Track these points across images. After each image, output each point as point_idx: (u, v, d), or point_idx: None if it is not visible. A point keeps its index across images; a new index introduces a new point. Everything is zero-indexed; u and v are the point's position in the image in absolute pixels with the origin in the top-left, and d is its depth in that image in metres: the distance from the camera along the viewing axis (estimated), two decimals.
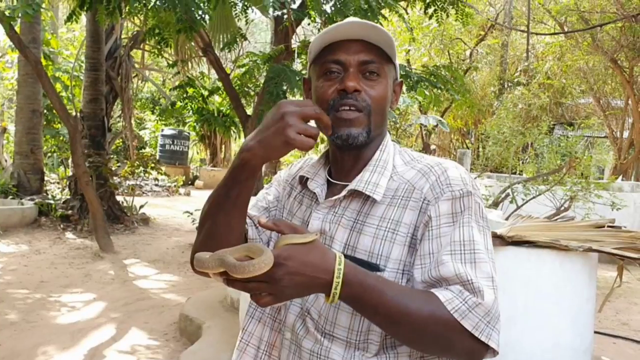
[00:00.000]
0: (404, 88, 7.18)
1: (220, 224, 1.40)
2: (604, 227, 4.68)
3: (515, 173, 10.63)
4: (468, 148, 19.54)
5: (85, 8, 6.32)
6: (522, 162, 11.50)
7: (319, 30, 7.89)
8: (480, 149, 17.54)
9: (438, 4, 7.78)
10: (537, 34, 15.96)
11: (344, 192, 1.42)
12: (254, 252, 1.14)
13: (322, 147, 17.88)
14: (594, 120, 16.13)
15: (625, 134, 17.34)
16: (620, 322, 6.46)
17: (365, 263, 1.31)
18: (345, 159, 1.49)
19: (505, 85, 19.72)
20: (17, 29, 8.69)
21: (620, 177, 14.43)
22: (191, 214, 9.22)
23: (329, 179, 1.53)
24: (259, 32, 31.48)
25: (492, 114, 17.39)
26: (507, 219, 5.27)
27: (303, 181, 1.57)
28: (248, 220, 1.51)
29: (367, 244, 1.36)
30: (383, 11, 7.03)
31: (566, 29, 16.30)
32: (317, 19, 7.15)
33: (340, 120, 1.40)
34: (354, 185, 1.41)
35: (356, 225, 1.39)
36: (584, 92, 18.82)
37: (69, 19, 6.57)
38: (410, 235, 1.34)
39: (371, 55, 1.40)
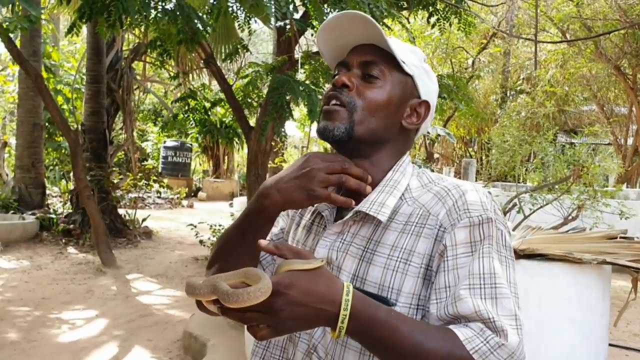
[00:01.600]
0: None
1: (231, 266, 1.30)
2: (616, 238, 4.58)
3: (520, 182, 10.52)
4: (471, 157, 19.47)
5: (85, 20, 6.24)
6: (526, 171, 11.39)
7: None
8: (484, 158, 17.50)
9: (441, 13, 7.72)
10: (544, 42, 15.87)
11: (350, 214, 1.30)
12: (251, 278, 1.04)
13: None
14: (599, 128, 16.02)
15: (630, 141, 17.24)
16: (631, 334, 6.35)
17: (374, 296, 1.18)
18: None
19: (508, 94, 19.67)
20: (17, 42, 8.64)
21: (625, 184, 14.32)
22: (195, 227, 9.13)
23: None
24: (260, 42, 31.49)
25: (494, 122, 17.30)
26: (514, 229, 5.17)
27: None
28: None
29: (377, 276, 1.23)
30: (386, 20, 6.96)
31: (568, 37, 16.24)
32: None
33: (322, 114, 1.32)
34: (360, 206, 1.29)
35: (366, 255, 1.27)
36: (587, 99, 18.75)
37: (69, 31, 6.49)
38: (425, 266, 1.21)
39: (375, 56, 1.32)
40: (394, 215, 1.28)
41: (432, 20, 7.77)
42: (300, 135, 19.29)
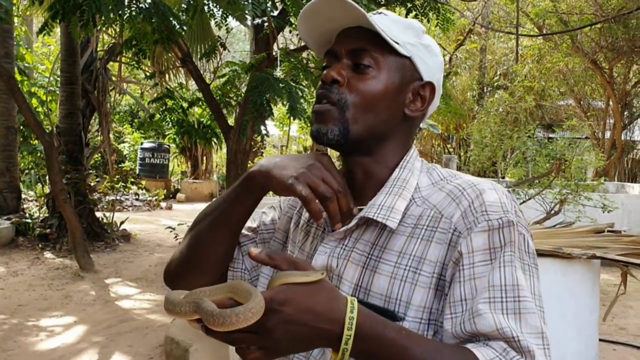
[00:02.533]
0: None
1: (209, 239, 1.24)
2: (603, 232, 4.55)
3: (501, 177, 10.53)
4: (450, 153, 19.50)
5: (58, 19, 6.09)
6: (506, 167, 11.42)
7: (300, 38, 7.74)
8: (462, 154, 17.54)
9: (419, 9, 7.65)
10: (525, 35, 15.91)
11: (354, 222, 1.15)
12: (239, 294, 0.90)
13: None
14: (576, 122, 16.12)
15: (607, 135, 17.38)
16: (617, 327, 6.34)
17: (380, 310, 1.05)
18: (354, 173, 1.23)
19: (485, 90, 19.74)
20: None
21: (603, 178, 14.43)
22: (173, 229, 8.98)
23: None
24: (237, 42, 31.36)
25: (472, 118, 17.35)
26: None
27: None
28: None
29: (383, 286, 1.10)
30: None
31: (545, 32, 16.31)
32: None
33: (313, 115, 1.19)
34: (366, 211, 1.15)
35: (370, 262, 1.13)
36: (564, 94, 18.87)
37: (42, 30, 6.35)
38: (437, 276, 1.07)
39: (363, 42, 1.16)
40: (402, 218, 1.14)
41: (410, 16, 7.70)
42: (279, 134, 19.17)
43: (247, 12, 6.72)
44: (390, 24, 1.19)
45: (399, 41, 1.17)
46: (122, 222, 11.21)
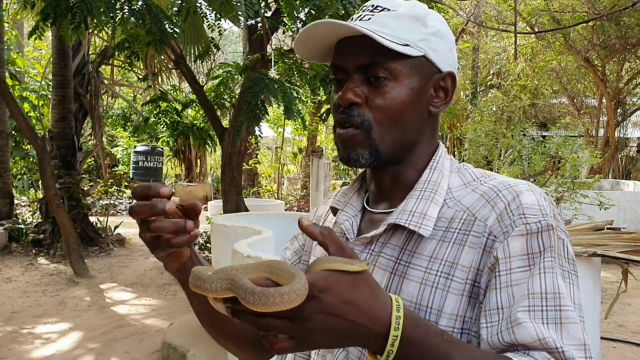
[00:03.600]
0: None
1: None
2: (603, 229, 4.52)
3: None
4: None
5: (49, 23, 6.03)
6: (501, 165, 11.42)
7: (294, 39, 7.70)
8: (457, 153, 17.54)
9: None
10: (523, 33, 15.91)
11: (382, 229, 1.10)
12: (278, 275, 0.81)
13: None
14: (570, 120, 16.13)
15: (601, 133, 17.41)
16: (616, 325, 6.32)
17: None
18: (382, 179, 1.18)
19: (478, 89, 19.74)
20: None
21: (599, 175, 14.46)
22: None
23: (366, 207, 1.22)
24: (229, 44, 31.29)
25: (466, 118, 17.35)
26: None
27: (335, 213, 1.24)
28: None
29: (413, 293, 1.04)
30: None
31: (537, 30, 16.32)
32: (293, 27, 6.96)
33: (338, 141, 1.13)
34: (396, 218, 1.09)
35: (398, 267, 1.07)
36: (557, 92, 18.89)
37: (33, 33, 6.28)
38: (471, 283, 1.01)
39: (371, 56, 1.08)
40: None
41: None
42: (273, 136, 19.12)
43: (240, 13, 6.68)
44: (395, 23, 1.10)
45: (410, 42, 1.09)
46: (116, 227, 11.12)
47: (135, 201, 0.97)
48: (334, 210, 1.25)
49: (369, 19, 1.10)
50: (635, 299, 7.27)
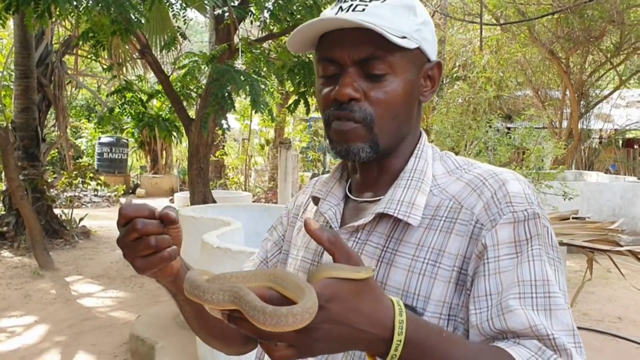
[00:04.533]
0: None
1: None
2: (568, 219, 4.59)
3: None
4: None
5: (11, 11, 5.90)
6: (467, 156, 11.52)
7: (261, 29, 7.66)
8: None
9: None
10: (489, 24, 16.06)
11: (369, 217, 1.10)
12: (284, 286, 0.78)
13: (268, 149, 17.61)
14: (534, 112, 16.33)
15: (564, 124, 17.67)
16: (580, 313, 6.43)
17: None
18: (369, 169, 1.17)
19: (444, 81, 19.88)
20: None
21: (563, 166, 14.69)
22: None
23: (348, 195, 1.21)
24: (194, 34, 31.02)
25: (432, 109, 17.46)
26: None
27: (317, 202, 1.24)
28: None
29: (400, 280, 1.04)
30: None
31: (502, 23, 16.48)
32: (260, 16, 6.92)
33: (335, 134, 1.11)
34: (383, 207, 1.09)
35: (385, 255, 1.07)
36: (522, 84, 19.11)
37: None
38: (458, 270, 1.02)
39: (371, 49, 1.05)
40: None
41: None
42: (240, 127, 19.00)
43: (206, 2, 6.62)
44: (390, 14, 1.07)
45: (407, 34, 1.08)
46: (81, 219, 10.98)
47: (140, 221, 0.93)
48: (315, 199, 1.24)
49: (363, 9, 1.07)
50: (598, 287, 7.42)
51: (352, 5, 1.08)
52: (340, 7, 1.09)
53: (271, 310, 0.72)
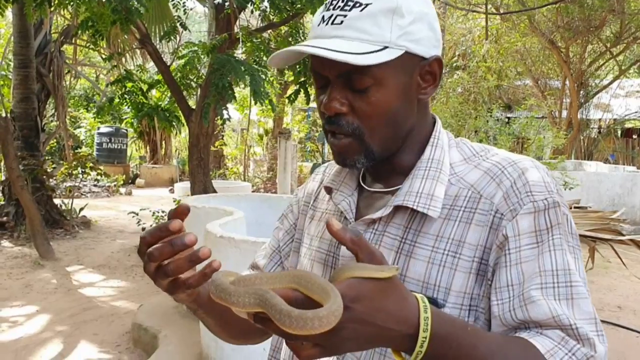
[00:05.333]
0: None
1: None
2: (570, 208, 4.59)
3: None
4: None
5: (11, 1, 5.89)
6: None
7: (261, 18, 7.64)
8: None
9: None
10: (493, 13, 16.00)
11: (387, 210, 1.08)
12: (308, 288, 0.79)
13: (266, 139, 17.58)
14: (534, 102, 16.32)
15: (564, 114, 17.66)
16: None
17: None
18: (376, 166, 1.15)
19: (444, 70, 19.85)
20: None
21: (564, 156, 14.70)
22: (136, 214, 8.86)
23: (362, 184, 1.20)
24: (193, 24, 30.90)
25: (432, 99, 17.44)
26: None
27: (330, 192, 1.22)
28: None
29: (420, 272, 1.03)
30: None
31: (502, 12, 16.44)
32: (261, 5, 6.90)
33: (331, 147, 1.11)
34: (402, 199, 1.07)
35: (404, 246, 1.06)
36: (522, 74, 19.08)
37: None
38: (478, 260, 1.01)
39: (349, 65, 1.00)
40: None
41: None
42: (239, 117, 18.96)
43: None
44: (369, 24, 1.03)
45: (389, 43, 1.03)
46: (81, 209, 10.98)
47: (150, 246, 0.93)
48: (328, 189, 1.23)
49: (341, 21, 1.03)
50: (599, 277, 7.44)
51: (332, 16, 1.05)
52: (323, 18, 1.06)
53: (297, 314, 0.73)
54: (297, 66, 7.24)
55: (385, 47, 1.03)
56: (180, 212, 0.94)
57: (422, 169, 1.10)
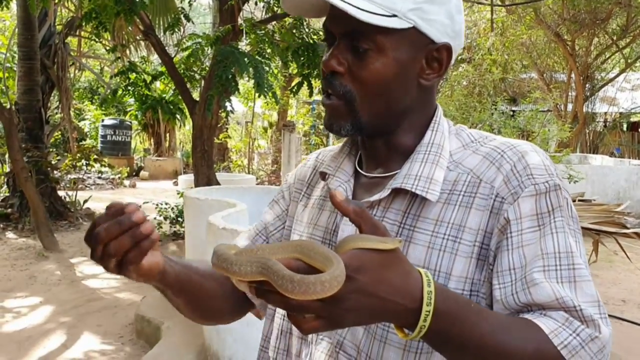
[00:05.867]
0: None
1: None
2: (574, 201, 4.57)
3: None
4: None
5: None
6: None
7: (265, 10, 7.61)
8: None
9: None
10: (499, 5, 15.93)
11: (385, 193, 1.06)
12: (310, 257, 0.78)
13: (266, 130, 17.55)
14: (540, 95, 16.28)
15: (569, 107, 17.60)
16: None
17: None
18: (374, 146, 1.14)
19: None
20: None
21: (569, 149, 14.67)
22: (140, 207, 8.84)
23: (359, 170, 1.17)
24: (197, 16, 30.86)
25: (437, 92, 17.39)
26: None
27: (325, 178, 1.19)
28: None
29: (420, 257, 1.02)
30: None
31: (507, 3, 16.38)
32: None
33: (324, 107, 1.09)
34: (400, 182, 1.05)
35: (403, 231, 1.04)
36: (527, 67, 19.01)
37: None
38: (479, 245, 1.00)
39: (355, 24, 0.99)
40: None
41: None
42: (243, 110, 18.94)
43: None
44: None
45: (398, 12, 1.01)
46: (85, 201, 10.99)
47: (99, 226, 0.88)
48: (323, 175, 1.20)
49: None
50: (603, 270, 7.41)
51: None
52: None
53: (299, 278, 0.72)
54: (301, 58, 7.22)
55: (394, 16, 1.01)
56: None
57: (421, 152, 1.08)
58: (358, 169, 1.18)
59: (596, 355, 0.89)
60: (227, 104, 7.22)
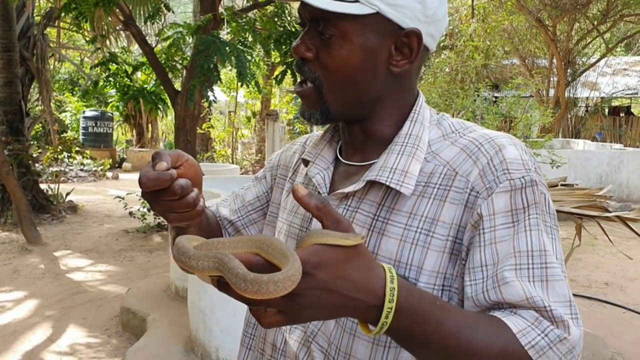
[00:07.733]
0: None
1: None
2: (557, 185, 4.60)
3: None
4: None
5: None
6: None
7: None
8: None
9: None
10: None
11: (360, 185, 1.04)
12: (269, 253, 0.77)
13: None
14: (522, 80, 16.33)
15: (551, 92, 17.70)
16: (568, 279, 6.48)
17: None
18: (352, 133, 1.12)
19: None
20: None
21: (551, 134, 14.76)
22: (122, 198, 8.81)
23: (339, 157, 1.16)
24: (177, 5, 30.63)
25: (420, 79, 17.40)
26: None
27: (307, 164, 1.19)
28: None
29: (392, 250, 1.00)
30: None
31: None
32: None
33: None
34: (375, 174, 1.03)
35: (376, 224, 1.03)
36: (509, 53, 19.07)
37: None
38: (452, 239, 0.98)
39: (319, 10, 0.98)
40: None
41: None
42: (226, 100, 18.85)
43: None
44: None
45: None
46: (67, 194, 10.89)
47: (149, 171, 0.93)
48: (305, 162, 1.19)
49: None
50: (586, 254, 7.49)
51: None
52: None
53: (252, 277, 0.71)
54: (283, 46, 7.19)
55: (357, 1, 0.99)
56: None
57: (398, 144, 1.06)
58: (339, 156, 1.17)
59: (565, 356, 0.88)
60: (210, 93, 7.18)
